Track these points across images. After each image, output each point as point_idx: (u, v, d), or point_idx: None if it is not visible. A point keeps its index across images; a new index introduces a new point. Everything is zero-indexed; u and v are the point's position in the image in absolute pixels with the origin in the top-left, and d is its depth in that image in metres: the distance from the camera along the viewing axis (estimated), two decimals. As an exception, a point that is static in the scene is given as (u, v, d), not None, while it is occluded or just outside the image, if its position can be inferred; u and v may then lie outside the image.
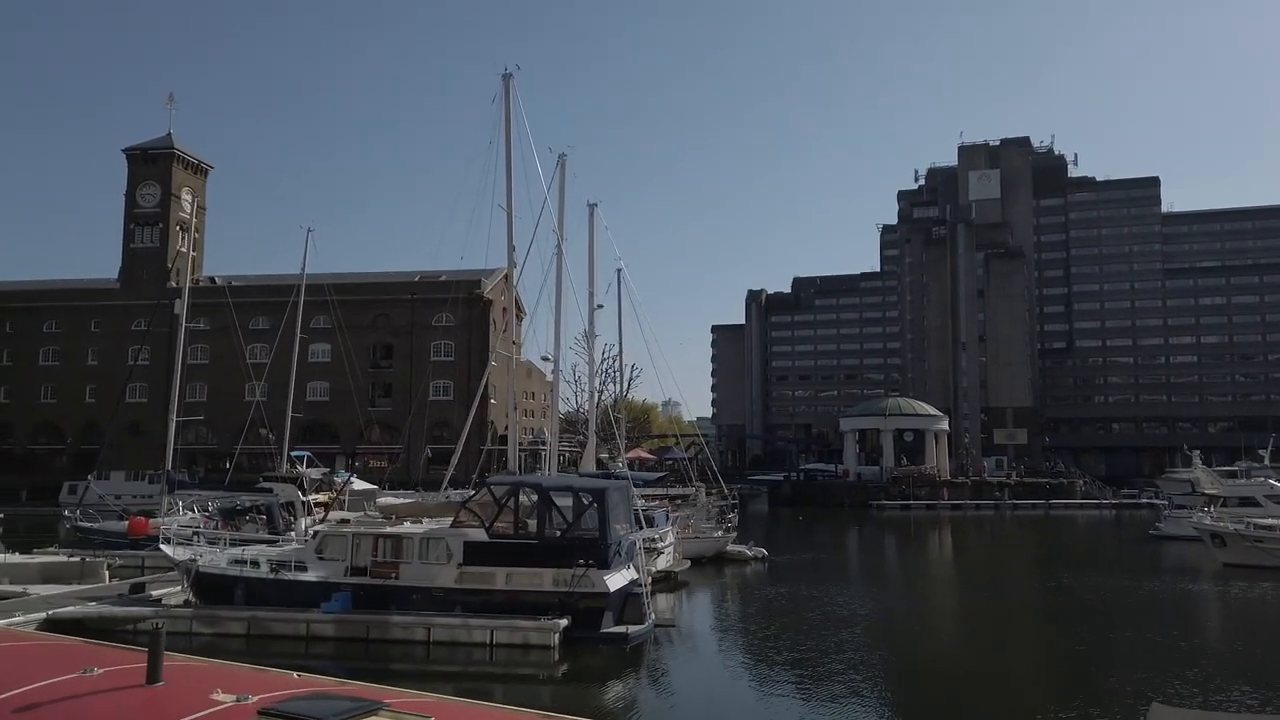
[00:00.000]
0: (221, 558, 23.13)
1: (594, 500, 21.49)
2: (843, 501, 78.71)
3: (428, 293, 79.95)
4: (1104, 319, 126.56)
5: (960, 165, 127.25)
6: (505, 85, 29.30)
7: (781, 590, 32.51)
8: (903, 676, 19.99)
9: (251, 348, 77.46)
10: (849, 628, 25.78)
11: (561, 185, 38.46)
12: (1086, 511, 77.07)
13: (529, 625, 19.95)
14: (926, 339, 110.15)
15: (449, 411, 78.97)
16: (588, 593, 20.65)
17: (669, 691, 19.08)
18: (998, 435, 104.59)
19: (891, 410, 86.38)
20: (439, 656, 20.28)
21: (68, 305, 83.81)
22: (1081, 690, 17.80)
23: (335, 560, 22.26)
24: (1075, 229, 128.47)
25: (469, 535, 21.74)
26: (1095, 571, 36.85)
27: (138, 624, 21.56)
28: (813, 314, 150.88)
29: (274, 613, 21.22)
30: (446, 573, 21.48)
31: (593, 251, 43.52)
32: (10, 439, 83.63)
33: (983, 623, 26.55)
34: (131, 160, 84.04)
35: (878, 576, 39.12)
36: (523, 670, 19.89)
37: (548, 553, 21.15)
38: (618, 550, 21.49)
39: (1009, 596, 31.54)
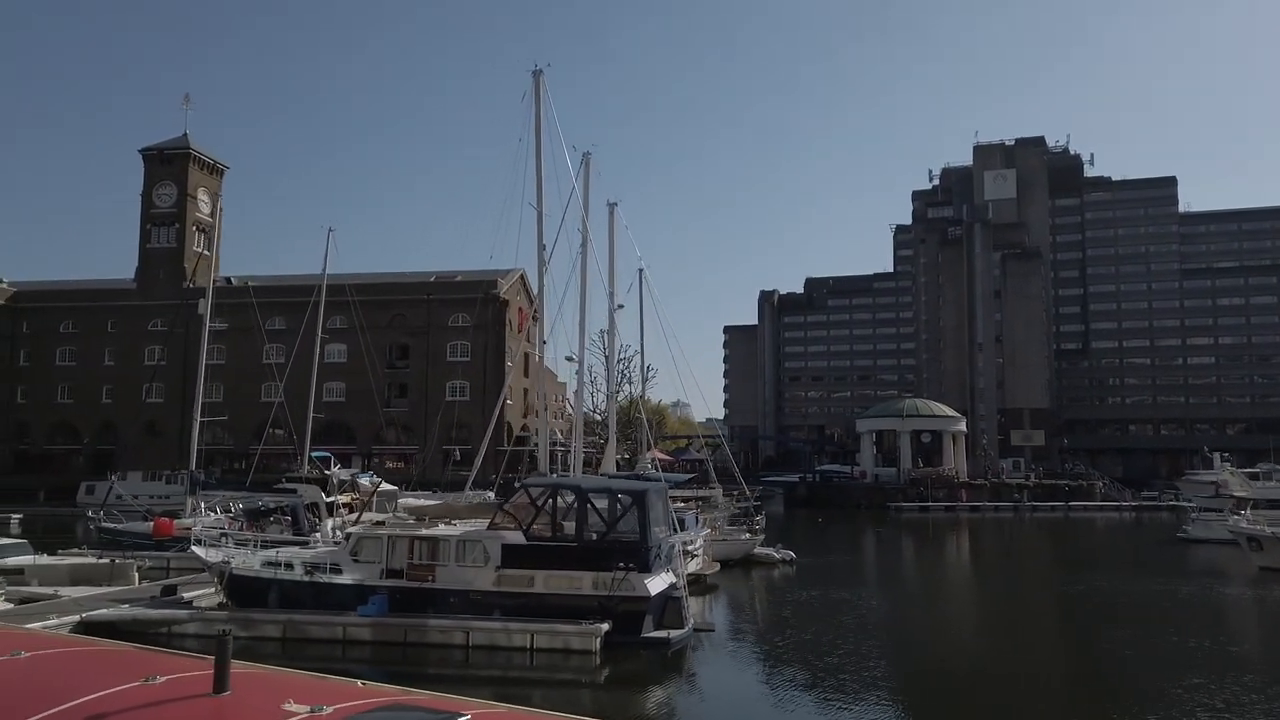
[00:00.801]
0: (254, 560, 22.87)
1: (634, 502, 21.17)
2: (860, 503, 78.24)
3: (444, 293, 79.78)
4: (1120, 320, 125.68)
5: (975, 165, 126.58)
6: (536, 82, 29.02)
7: (813, 594, 32.13)
8: (944, 684, 19.61)
9: (267, 348, 77.55)
10: (885, 633, 25.42)
11: (586, 184, 38.16)
12: (1106, 514, 76.42)
13: (570, 629, 19.63)
14: (942, 340, 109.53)
15: (465, 412, 78.76)
16: (628, 596, 20.32)
17: (712, 698, 18.74)
18: (1014, 437, 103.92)
19: (909, 411, 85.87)
20: (478, 660, 19.98)
21: (84, 305, 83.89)
22: (1136, 699, 17.40)
23: (370, 563, 21.98)
24: (1091, 229, 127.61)
25: (506, 537, 21.43)
26: (1128, 575, 36.37)
27: (172, 627, 21.36)
28: (826, 314, 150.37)
29: (310, 616, 20.95)
30: (484, 575, 21.18)
31: (613, 251, 43.30)
32: (27, 439, 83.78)
33: (1021, 629, 26.12)
34: (148, 160, 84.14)
35: (907, 580, 38.71)
36: (564, 675, 19.58)
37: (587, 555, 20.83)
38: (658, 553, 21.17)
39: (1044, 602, 31.09)
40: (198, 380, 36.81)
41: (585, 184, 38.14)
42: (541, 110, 28.80)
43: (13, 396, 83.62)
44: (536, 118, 28.89)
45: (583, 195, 37.62)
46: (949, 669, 20.75)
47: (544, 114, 28.85)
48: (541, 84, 28.96)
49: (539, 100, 28.90)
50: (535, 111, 28.84)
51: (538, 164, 29.11)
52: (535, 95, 28.97)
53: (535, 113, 28.82)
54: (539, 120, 28.93)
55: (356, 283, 63.81)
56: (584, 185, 38.05)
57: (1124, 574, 36.83)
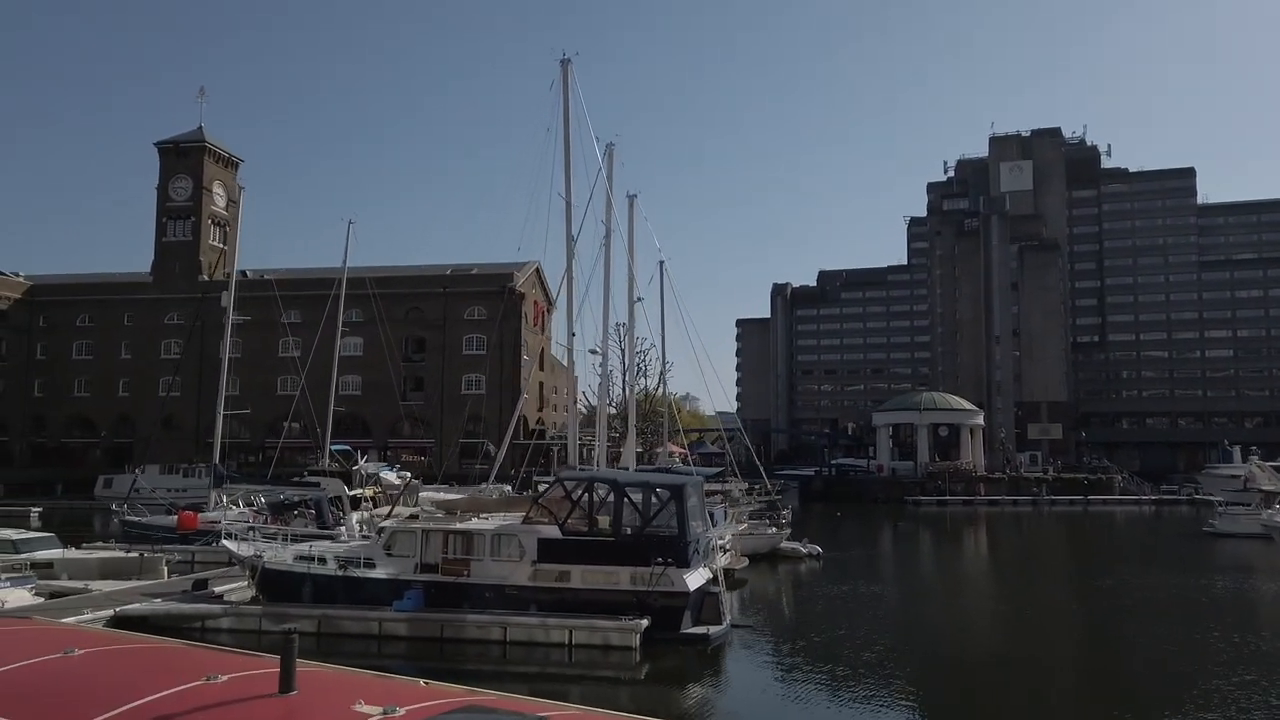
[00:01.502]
0: (286, 554, 22.65)
1: (672, 496, 20.85)
2: (877, 497, 77.77)
3: (460, 286, 79.51)
4: (1138, 312, 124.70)
5: (991, 156, 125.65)
6: (564, 71, 28.64)
7: (843, 589, 31.79)
8: (986, 683, 19.30)
9: (283, 341, 77.42)
10: (919, 629, 25.11)
11: (610, 175, 37.76)
12: (1126, 508, 75.81)
13: (609, 625, 19.35)
14: (958, 332, 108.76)
15: (481, 405, 78.54)
16: (667, 592, 20.02)
17: (753, 695, 18.43)
18: (1031, 430, 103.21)
19: (926, 404, 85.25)
20: (516, 657, 19.72)
21: (101, 299, 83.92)
22: (1193, 697, 17.02)
23: (404, 557, 21.74)
24: (1108, 221, 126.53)
25: (542, 532, 21.15)
26: (1158, 570, 35.91)
27: (206, 621, 21.17)
28: (839, 307, 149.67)
29: (345, 611, 20.71)
30: (520, 570, 20.91)
31: (633, 243, 42.93)
32: (44, 432, 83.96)
33: (1059, 626, 25.74)
34: (163, 154, 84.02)
35: (935, 575, 38.32)
36: (603, 672, 19.30)
37: (624, 550, 20.53)
38: (696, 548, 20.86)
39: (1078, 598, 30.62)
40: (221, 373, 36.58)
41: (609, 175, 37.78)
42: (570, 99, 28.42)
43: (30, 390, 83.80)
44: (565, 107, 28.55)
45: (606, 186, 37.27)
46: (989, 667, 20.42)
47: (572, 103, 28.47)
48: (570, 73, 28.59)
49: (567, 89, 28.56)
50: (564, 100, 28.48)
51: (566, 153, 28.78)
52: (563, 84, 28.60)
53: (564, 102, 28.46)
54: (567, 109, 28.61)
55: (371, 276, 63.54)
56: (608, 176, 37.71)
57: (1154, 569, 36.37)
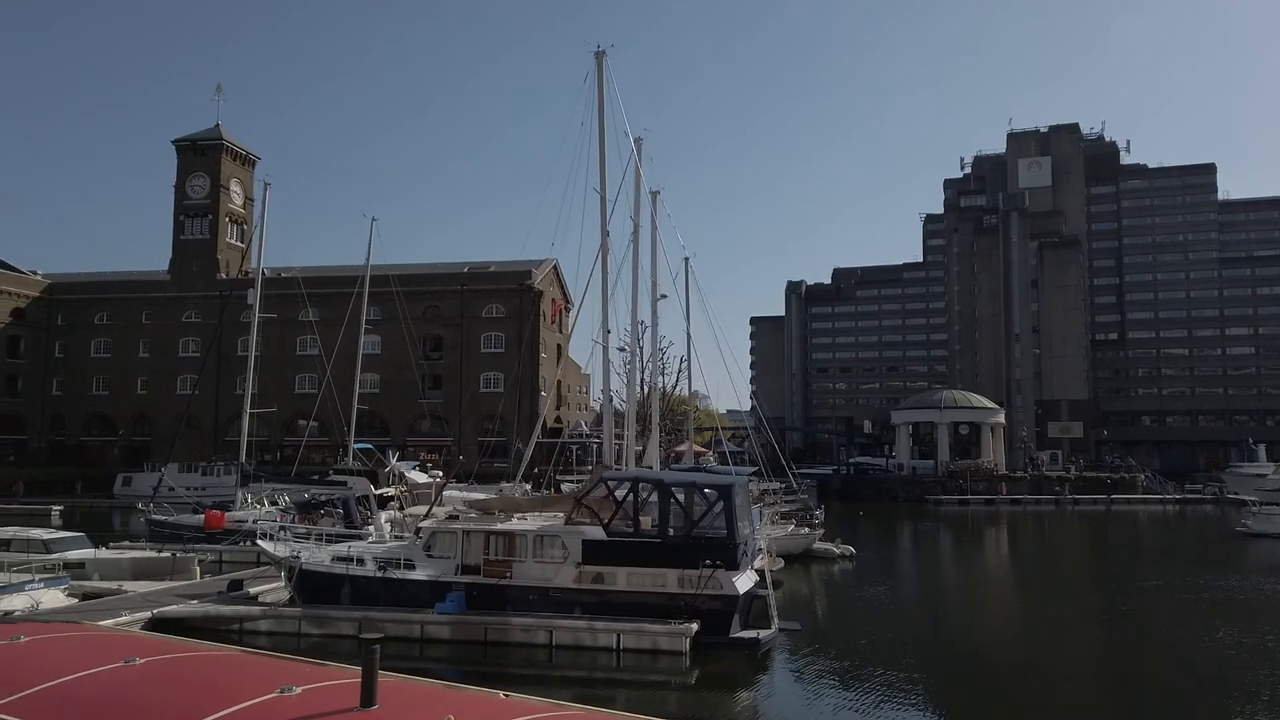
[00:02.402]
0: (324, 555, 22.24)
1: (720, 497, 20.35)
2: (897, 496, 77.07)
3: (478, 284, 79.13)
4: (1158, 310, 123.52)
5: (1009, 152, 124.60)
6: (598, 63, 28.13)
7: (880, 590, 31.29)
8: (1044, 688, 18.78)
9: (301, 339, 77.14)
10: (965, 631, 24.60)
11: (638, 170, 37.27)
12: (1149, 507, 74.91)
13: (658, 629, 18.86)
14: (977, 330, 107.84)
15: (499, 403, 78.13)
16: (716, 595, 19.54)
17: (805, 700, 17.92)
18: (1051, 429, 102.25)
19: (947, 403, 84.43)
20: (562, 661, 19.27)
21: (118, 297, 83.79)
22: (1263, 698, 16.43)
23: (445, 558, 21.30)
24: (1128, 217, 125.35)
25: (586, 533, 20.68)
26: (1200, 571, 35.20)
27: (244, 623, 20.79)
28: (854, 305, 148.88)
29: (386, 613, 20.26)
30: (564, 572, 20.45)
31: (655, 240, 42.43)
32: (63, 430, 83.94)
33: (1109, 627, 25.11)
34: (181, 151, 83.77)
35: (974, 576, 37.61)
36: (652, 677, 18.84)
37: (671, 552, 20.04)
38: (744, 550, 20.36)
39: (1126, 600, 29.88)
40: (247, 371, 36.28)
41: (637, 170, 37.30)
42: (605, 92, 27.91)
43: (48, 388, 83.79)
44: (599, 99, 28.03)
45: (634, 181, 36.80)
46: (1046, 674, 19.88)
47: (607, 96, 27.96)
48: (604, 65, 28.07)
49: (601, 81, 28.03)
50: (598, 93, 27.97)
51: (601, 147, 28.28)
52: (598, 77, 28.09)
53: (598, 94, 27.94)
54: (602, 102, 28.08)
55: (389, 273, 63.23)
56: (636, 171, 37.22)
57: (1195, 570, 35.66)
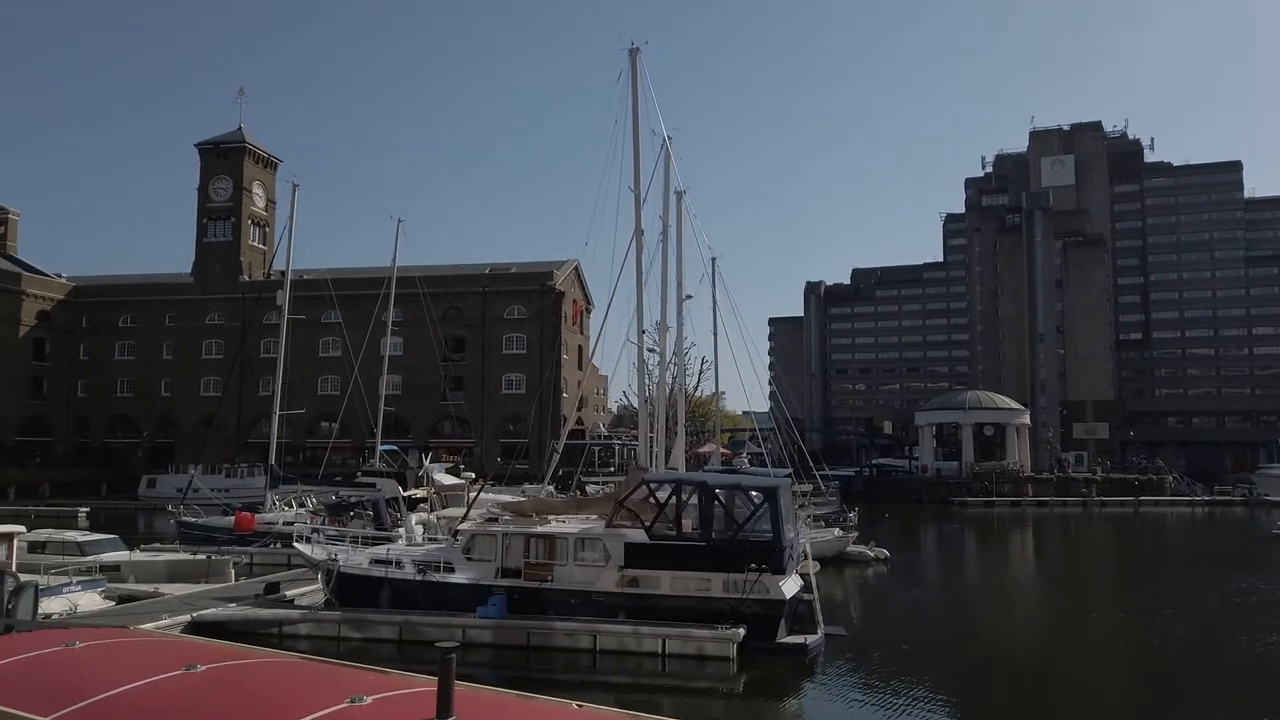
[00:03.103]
0: (362, 558, 22.03)
1: (765, 499, 19.99)
2: (921, 498, 76.39)
3: (499, 285, 79.04)
4: (1183, 309, 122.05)
5: (1031, 151, 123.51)
6: (632, 61, 27.80)
7: (919, 594, 30.83)
8: (1091, 690, 18.30)
9: (324, 341, 77.27)
10: (1012, 637, 24.12)
11: (667, 169, 36.93)
12: (1178, 509, 73.91)
13: (705, 635, 18.50)
14: (1000, 330, 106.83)
15: (521, 405, 77.97)
16: (762, 599, 19.17)
17: (856, 707, 17.52)
18: (1076, 429, 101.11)
19: (971, 404, 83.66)
20: (606, 666, 18.96)
21: (142, 300, 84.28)
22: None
23: (484, 561, 21.04)
24: (1152, 216, 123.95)
25: (628, 536, 20.36)
26: (1240, 574, 34.47)
27: (284, 627, 20.60)
28: (873, 305, 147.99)
29: (427, 617, 20.03)
30: (607, 576, 20.14)
31: (680, 240, 42.11)
32: (87, 432, 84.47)
33: (1153, 629, 24.48)
34: (203, 154, 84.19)
35: (1014, 579, 37.05)
36: (699, 683, 18.47)
37: (716, 555, 19.68)
38: (790, 554, 19.98)
39: (1164, 600, 29.26)
40: (276, 373, 36.18)
41: (666, 169, 36.97)
42: (639, 89, 27.58)
43: (73, 391, 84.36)
44: (634, 97, 27.68)
45: (664, 180, 36.47)
46: (1091, 677, 19.38)
47: (641, 93, 27.62)
48: (639, 62, 27.75)
49: (635, 79, 27.70)
50: (633, 91, 27.64)
51: (635, 145, 27.99)
52: (631, 74, 27.76)
53: (633, 92, 27.62)
54: (636, 99, 27.75)
55: (411, 275, 63.23)
56: (665, 170, 36.90)
57: (1235, 573, 34.91)
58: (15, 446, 78.21)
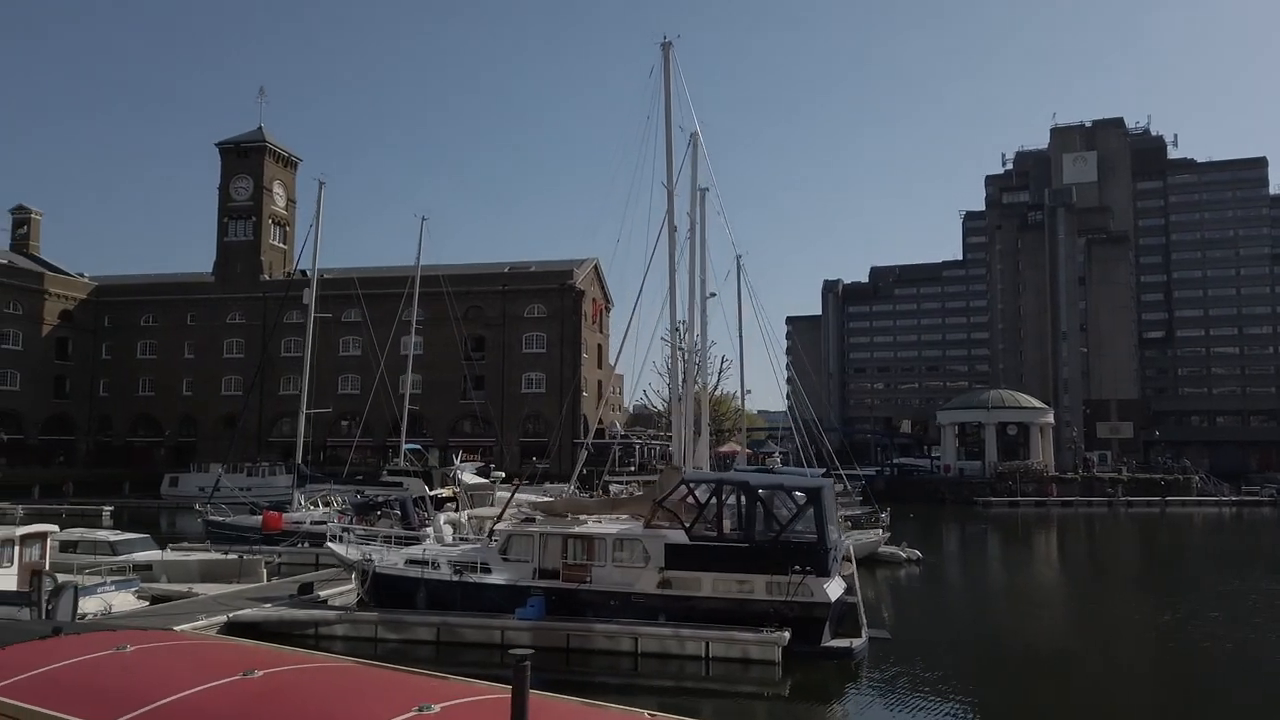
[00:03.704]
0: (397, 558, 21.78)
1: (809, 500, 19.60)
2: (945, 498, 75.56)
3: (519, 284, 78.87)
4: (1207, 307, 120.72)
5: (1052, 147, 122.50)
6: (665, 55, 27.45)
7: (956, 596, 30.41)
8: (1150, 697, 17.82)
9: (344, 340, 77.30)
10: (1056, 640, 23.60)
11: (694, 165, 36.55)
12: (1204, 509, 72.89)
13: (750, 638, 18.13)
14: (1021, 328, 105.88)
15: (541, 404, 77.80)
16: (807, 602, 18.77)
17: (906, 713, 17.11)
18: (1100, 429, 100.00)
19: (994, 403, 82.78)
20: (648, 669, 18.60)
21: (164, 299, 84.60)
22: None
23: (521, 562, 20.75)
24: (1176, 213, 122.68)
25: (668, 537, 20.03)
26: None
27: (320, 628, 20.37)
28: (892, 304, 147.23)
29: (465, 618, 19.74)
30: (647, 577, 19.81)
31: (704, 237, 41.74)
32: (109, 431, 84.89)
33: (1200, 631, 23.90)
34: (224, 154, 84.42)
35: (1048, 581, 36.39)
36: (743, 687, 18.12)
37: (759, 557, 19.31)
38: (834, 555, 19.59)
39: (1207, 602, 28.63)
40: (303, 371, 36.04)
41: (694, 165, 36.61)
42: (670, 84, 27.22)
43: (95, 390, 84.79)
44: (666, 91, 27.34)
45: (691, 176, 36.12)
46: (1143, 681, 18.92)
47: (674, 88, 27.28)
48: (671, 56, 27.39)
49: (668, 74, 27.34)
50: (665, 85, 27.28)
51: (668, 140, 27.71)
52: (664, 68, 27.40)
53: (665, 87, 27.26)
54: (668, 95, 27.38)
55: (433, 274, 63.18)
56: (692, 166, 36.54)
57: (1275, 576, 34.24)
58: (39, 445, 78.69)
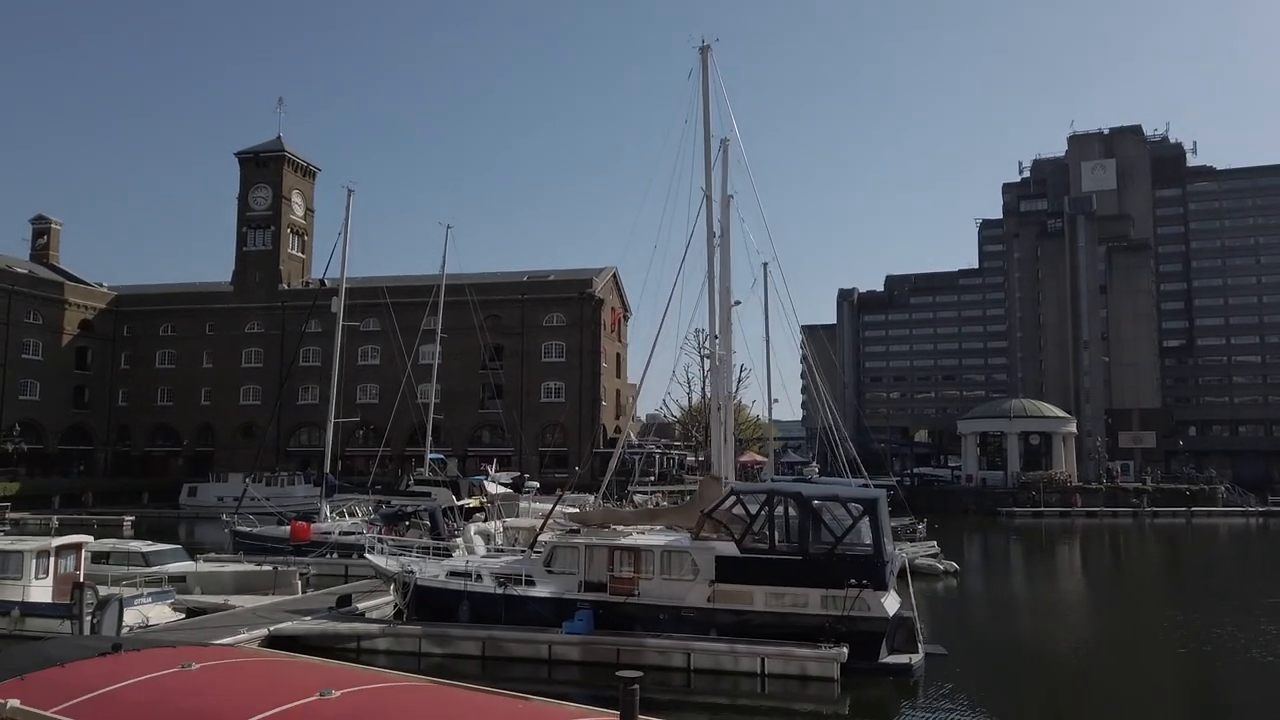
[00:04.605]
0: (439, 570, 21.34)
1: (865, 511, 19.08)
2: (967, 508, 74.71)
3: (538, 292, 78.56)
4: (1228, 316, 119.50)
5: (1070, 155, 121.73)
6: (703, 59, 27.09)
7: (1002, 609, 29.79)
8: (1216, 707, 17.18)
9: (362, 349, 77.04)
10: (1118, 656, 22.92)
11: (725, 170, 36.20)
12: (1231, 520, 71.95)
13: (808, 654, 17.60)
14: (1041, 337, 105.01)
15: (560, 413, 77.37)
16: (865, 617, 18.25)
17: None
18: (1123, 439, 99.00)
19: (1017, 412, 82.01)
20: (702, 686, 18.08)
21: (182, 309, 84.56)
22: None
23: (567, 574, 20.29)
24: (1195, 220, 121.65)
25: (719, 549, 19.54)
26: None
27: (362, 641, 19.95)
28: (907, 313, 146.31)
29: (512, 633, 19.29)
30: (697, 590, 19.32)
31: (729, 244, 41.35)
32: (128, 441, 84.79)
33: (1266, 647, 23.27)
34: (243, 164, 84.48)
35: (1089, 594, 35.68)
36: (801, 705, 17.57)
37: (813, 570, 18.79)
38: (890, 568, 19.06)
39: (1263, 616, 27.94)
40: (331, 380, 35.71)
41: (724, 170, 36.26)
42: (710, 88, 26.86)
43: (114, 399, 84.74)
44: (704, 96, 26.94)
45: (720, 183, 35.78)
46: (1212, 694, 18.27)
47: (712, 93, 26.91)
48: (710, 60, 27.02)
49: (707, 77, 26.98)
50: (703, 89, 26.91)
51: (706, 145, 27.34)
52: (703, 72, 27.04)
53: (703, 91, 26.89)
54: (707, 99, 27.01)
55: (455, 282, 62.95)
56: (723, 172, 36.20)
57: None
58: (58, 455, 78.64)
